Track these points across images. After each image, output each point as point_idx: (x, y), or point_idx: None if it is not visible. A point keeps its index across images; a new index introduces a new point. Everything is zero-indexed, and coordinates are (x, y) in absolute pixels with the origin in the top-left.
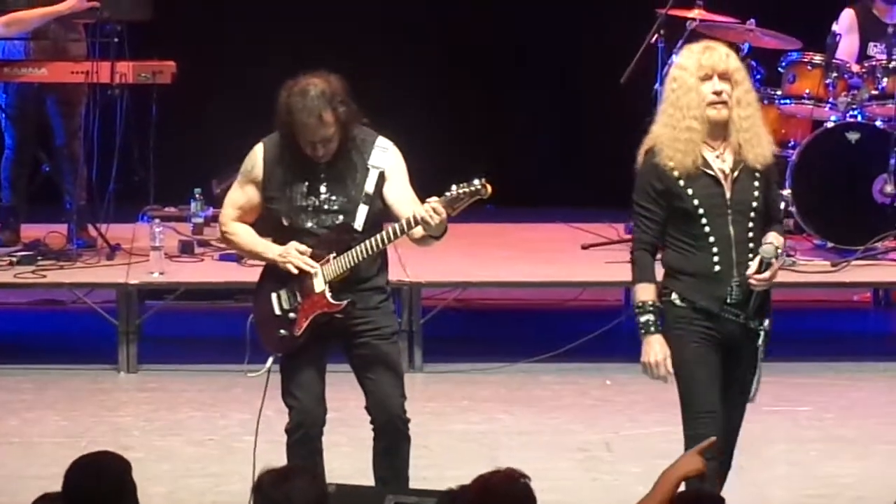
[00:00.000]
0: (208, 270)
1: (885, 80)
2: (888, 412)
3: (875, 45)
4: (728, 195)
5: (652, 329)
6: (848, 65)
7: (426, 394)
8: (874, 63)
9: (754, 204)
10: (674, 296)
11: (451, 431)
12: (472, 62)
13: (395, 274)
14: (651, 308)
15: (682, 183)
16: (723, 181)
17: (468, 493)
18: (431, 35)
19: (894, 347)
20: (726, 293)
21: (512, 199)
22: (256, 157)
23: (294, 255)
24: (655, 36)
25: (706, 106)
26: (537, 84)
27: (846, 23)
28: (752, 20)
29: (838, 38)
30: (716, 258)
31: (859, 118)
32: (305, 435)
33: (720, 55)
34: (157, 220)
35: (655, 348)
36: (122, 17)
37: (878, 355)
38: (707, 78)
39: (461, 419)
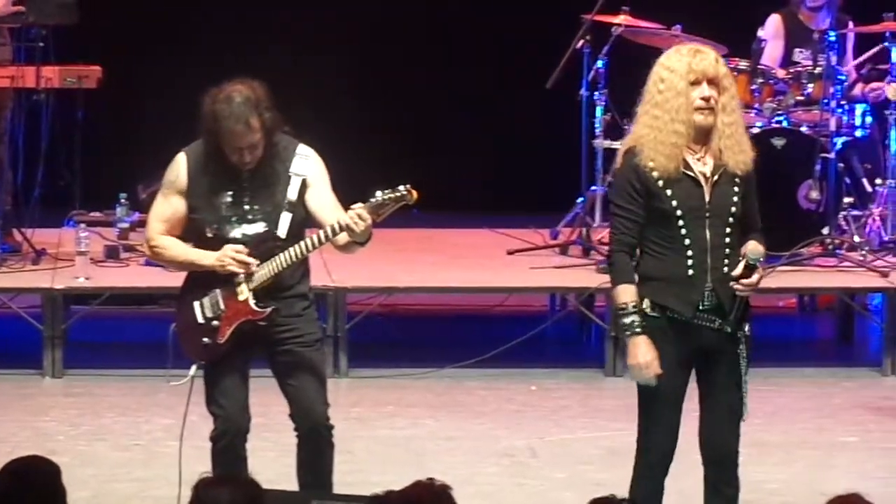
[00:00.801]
0: (134, 275)
1: (811, 85)
2: (813, 418)
3: (801, 52)
4: (707, 198)
5: (637, 330)
6: (773, 70)
7: (351, 399)
8: (800, 69)
9: (733, 209)
10: (646, 303)
11: (376, 437)
12: (397, 66)
13: (320, 279)
14: (634, 309)
15: (661, 184)
16: (703, 184)
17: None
18: (356, 39)
19: (819, 353)
20: (699, 298)
21: (438, 204)
22: (180, 167)
23: (231, 256)
24: (581, 41)
25: (693, 111)
26: (463, 89)
27: (772, 28)
28: (678, 26)
29: (763, 43)
30: (689, 262)
31: (785, 124)
32: (230, 443)
33: (710, 60)
34: (82, 225)
35: (643, 349)
36: (47, 21)
37: (804, 361)
38: (696, 83)
39: (386, 424)
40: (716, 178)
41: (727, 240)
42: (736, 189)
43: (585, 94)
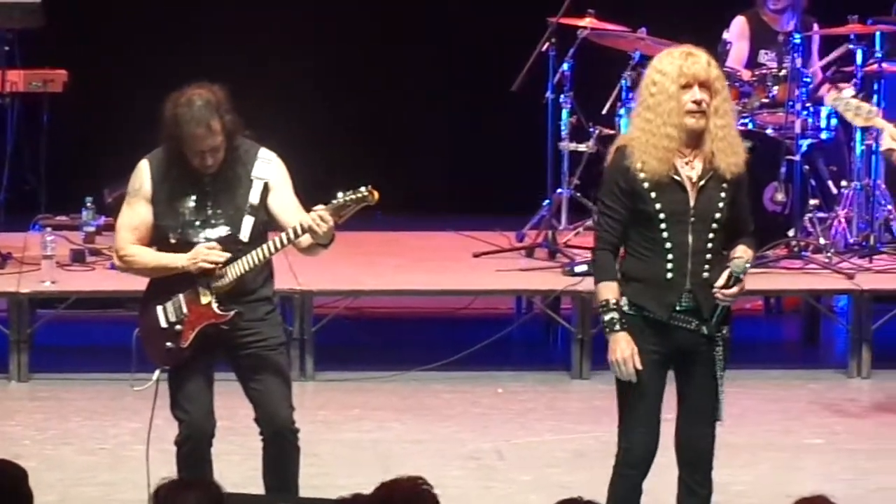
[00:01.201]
0: (100, 279)
1: (776, 88)
2: (779, 420)
3: (766, 53)
4: (692, 203)
5: (617, 327)
6: (739, 73)
7: (317, 402)
8: (765, 71)
9: (717, 214)
10: (623, 301)
11: (343, 440)
12: (360, 68)
13: (286, 282)
14: (615, 306)
15: (646, 186)
16: (688, 188)
17: (370, 500)
18: (318, 41)
19: (785, 355)
20: (676, 300)
21: (403, 207)
22: (144, 175)
23: (203, 253)
24: (547, 44)
25: (685, 114)
26: (428, 91)
27: (737, 30)
28: (644, 29)
29: (729, 46)
30: (669, 265)
31: (750, 126)
32: (195, 447)
33: (703, 64)
34: (48, 229)
35: (622, 345)
36: (13, 25)
37: (770, 363)
38: (688, 86)
39: (352, 427)
40: (702, 182)
41: (710, 245)
42: (723, 194)
43: (551, 96)
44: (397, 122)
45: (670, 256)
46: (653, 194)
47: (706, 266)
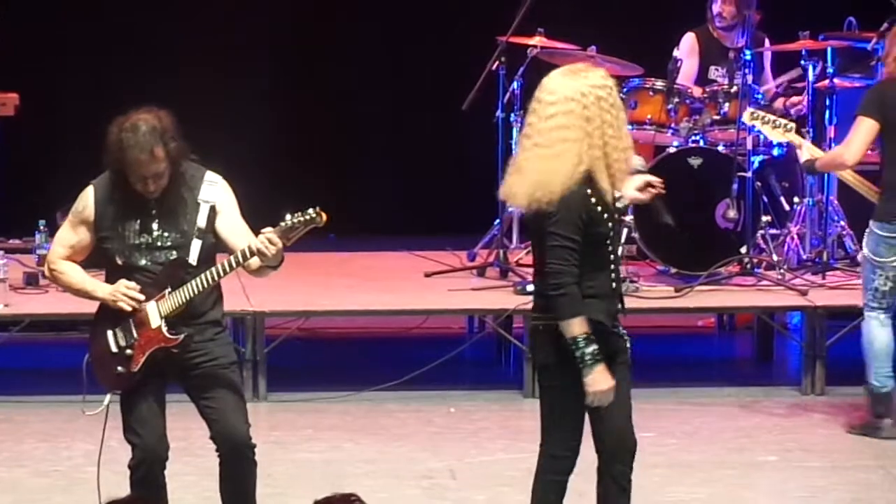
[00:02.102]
0: (53, 302)
1: (727, 104)
2: (732, 437)
3: (716, 69)
4: (616, 214)
5: (599, 357)
6: (689, 90)
7: (270, 422)
8: (716, 88)
9: (616, 215)
10: None
11: (296, 460)
12: (311, 89)
13: (238, 303)
14: (593, 338)
15: (600, 209)
16: (618, 202)
17: None
18: (266, 63)
19: (738, 373)
20: (616, 308)
21: (354, 227)
22: (87, 199)
23: (122, 292)
24: (497, 63)
25: None
26: (378, 112)
27: (687, 46)
28: (594, 47)
29: (679, 63)
30: (612, 276)
31: (701, 143)
32: (149, 471)
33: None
34: (1, 252)
35: (607, 376)
36: None
37: (722, 380)
38: None
39: (306, 448)
40: (618, 193)
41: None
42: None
43: (501, 115)
44: (348, 143)
45: (612, 268)
46: (605, 216)
47: (620, 270)
